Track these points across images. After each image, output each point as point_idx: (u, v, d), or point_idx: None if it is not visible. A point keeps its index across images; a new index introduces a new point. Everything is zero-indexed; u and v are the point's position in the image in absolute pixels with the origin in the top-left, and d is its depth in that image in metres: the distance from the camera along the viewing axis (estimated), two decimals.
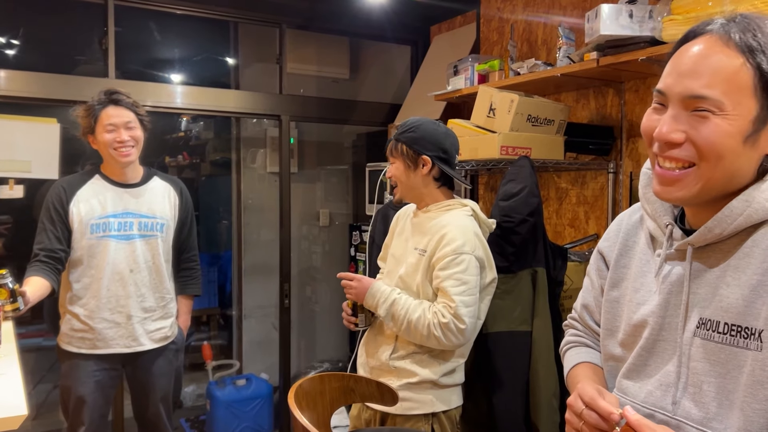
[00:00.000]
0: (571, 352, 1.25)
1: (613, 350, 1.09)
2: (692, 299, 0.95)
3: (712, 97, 0.88)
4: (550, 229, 3.00)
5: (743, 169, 0.91)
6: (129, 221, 2.37)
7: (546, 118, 2.54)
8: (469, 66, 3.01)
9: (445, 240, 1.87)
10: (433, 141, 1.95)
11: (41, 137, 2.97)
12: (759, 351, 0.85)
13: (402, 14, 3.66)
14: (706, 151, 0.89)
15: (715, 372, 0.90)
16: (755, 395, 0.85)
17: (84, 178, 2.39)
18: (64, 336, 2.36)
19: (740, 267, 0.90)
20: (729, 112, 0.87)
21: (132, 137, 2.33)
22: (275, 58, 3.75)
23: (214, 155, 4.60)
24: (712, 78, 0.88)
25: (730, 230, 0.91)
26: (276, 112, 3.69)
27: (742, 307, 0.88)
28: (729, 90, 0.87)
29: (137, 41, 3.86)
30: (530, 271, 2.24)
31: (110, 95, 2.34)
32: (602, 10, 2.21)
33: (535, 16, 3.11)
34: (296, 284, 4.26)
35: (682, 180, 0.91)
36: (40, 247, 2.25)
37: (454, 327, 1.82)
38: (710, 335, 0.91)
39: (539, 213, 2.25)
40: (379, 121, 3.95)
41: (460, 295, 1.83)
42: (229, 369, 3.91)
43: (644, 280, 1.04)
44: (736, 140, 0.88)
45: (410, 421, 1.91)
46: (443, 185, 2.01)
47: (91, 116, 2.32)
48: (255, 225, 4.30)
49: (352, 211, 4.51)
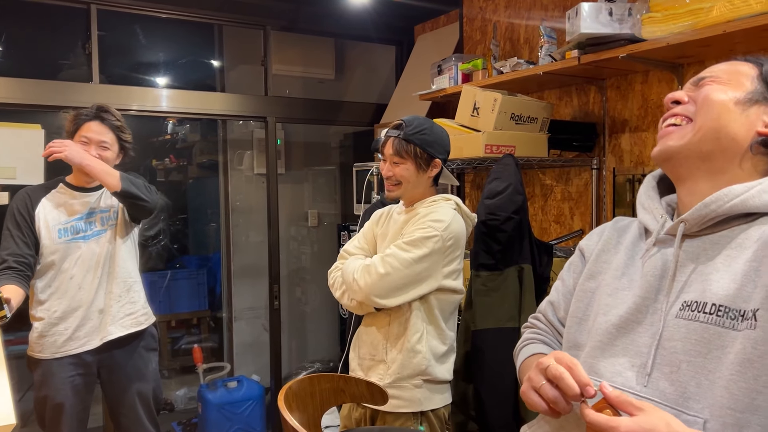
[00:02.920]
0: (525, 348, 1.23)
1: (579, 337, 1.08)
2: (676, 285, 0.96)
3: (714, 75, 1.03)
4: (536, 226, 3.02)
5: (732, 131, 0.97)
6: (93, 219, 2.38)
7: (529, 116, 2.56)
8: (452, 65, 3.02)
9: (427, 216, 1.91)
10: (442, 144, 1.99)
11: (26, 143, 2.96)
12: (752, 329, 0.84)
13: (386, 14, 3.67)
14: (700, 103, 1.01)
15: (696, 351, 0.89)
16: (743, 374, 0.83)
17: (48, 186, 2.40)
18: (35, 345, 2.34)
19: (732, 256, 0.92)
20: (727, 82, 1.01)
21: (101, 156, 2.32)
22: (260, 60, 3.75)
23: (201, 158, 4.59)
24: (720, 67, 1.05)
25: (725, 209, 0.93)
26: (262, 114, 3.69)
27: (732, 290, 0.88)
28: (731, 70, 1.03)
29: (121, 45, 3.84)
30: (516, 268, 2.26)
31: (99, 110, 2.36)
32: (582, 9, 2.23)
33: (517, 16, 3.13)
34: (286, 285, 4.27)
35: (679, 131, 1.02)
36: (8, 253, 2.24)
37: (373, 269, 1.86)
38: (695, 315, 0.91)
39: (524, 210, 2.27)
40: (366, 121, 3.96)
41: (400, 249, 1.86)
42: (220, 371, 3.91)
43: (626, 270, 1.05)
44: (729, 98, 0.99)
45: (400, 419, 1.93)
46: (434, 184, 2.05)
47: (74, 123, 2.34)
48: (243, 227, 4.30)
49: (340, 211, 4.52)
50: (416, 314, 1.93)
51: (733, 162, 0.98)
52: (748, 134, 0.97)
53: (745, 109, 0.98)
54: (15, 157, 2.93)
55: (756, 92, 0.99)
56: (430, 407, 1.94)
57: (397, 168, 1.98)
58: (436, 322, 1.96)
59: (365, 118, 3.96)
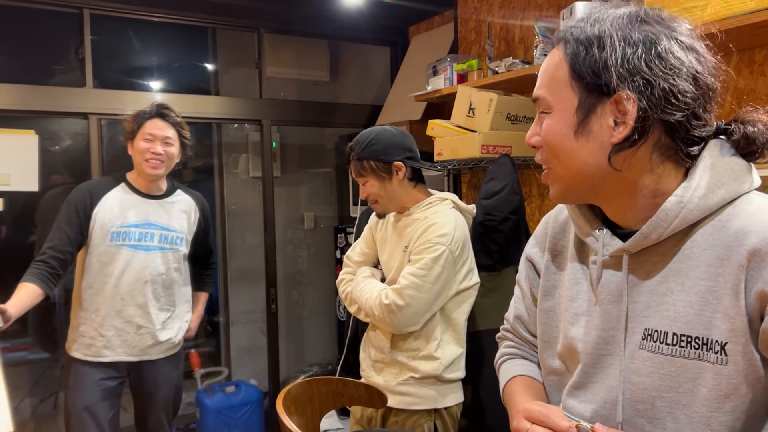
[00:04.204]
0: (505, 365, 1.17)
1: (552, 363, 1.02)
2: (633, 309, 0.89)
3: (541, 96, 0.92)
4: (534, 226, 3.00)
5: (589, 162, 0.87)
6: (150, 232, 2.38)
7: (525, 116, 2.56)
8: (447, 66, 3.02)
9: (429, 230, 1.89)
10: (396, 145, 1.96)
11: (20, 149, 2.95)
12: (723, 364, 0.80)
13: (380, 16, 3.67)
14: (547, 150, 0.92)
15: (666, 386, 0.85)
16: (722, 408, 0.81)
17: (110, 184, 2.41)
18: (72, 342, 2.36)
19: (682, 271, 0.85)
20: (554, 107, 0.89)
21: (166, 153, 2.36)
22: (254, 63, 3.74)
23: (195, 161, 4.57)
24: (542, 78, 0.92)
25: (667, 234, 0.86)
26: (257, 117, 3.68)
27: (691, 316, 0.83)
28: (551, 86, 0.90)
29: (114, 49, 3.83)
30: (514, 268, 2.26)
31: (160, 108, 2.38)
32: (577, 8, 2.23)
33: (511, 16, 3.13)
34: (283, 289, 4.25)
35: (548, 179, 0.95)
36: (49, 245, 2.24)
37: (394, 307, 1.86)
38: (658, 347, 0.85)
39: (521, 210, 2.27)
40: (361, 122, 3.95)
41: (415, 277, 1.85)
42: (218, 376, 3.89)
43: (579, 288, 0.98)
44: (564, 134, 0.88)
45: (413, 416, 1.93)
46: (417, 182, 2.03)
47: (136, 123, 2.35)
48: (239, 230, 4.29)
49: (336, 214, 4.51)
50: (433, 323, 1.93)
51: (624, 175, 0.87)
52: (605, 153, 0.86)
53: (588, 134, 0.87)
54: (9, 163, 2.91)
55: (582, 102, 0.86)
56: (443, 405, 1.95)
57: (365, 187, 2.01)
58: (453, 325, 1.97)
59: (361, 120, 3.95)
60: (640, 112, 0.83)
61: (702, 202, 0.84)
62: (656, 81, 0.82)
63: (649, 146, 0.86)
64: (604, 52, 0.84)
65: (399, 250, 1.99)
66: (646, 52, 0.83)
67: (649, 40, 0.84)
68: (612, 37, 0.84)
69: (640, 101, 0.83)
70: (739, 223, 0.83)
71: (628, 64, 0.83)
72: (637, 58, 0.83)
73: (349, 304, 2.06)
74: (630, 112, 0.83)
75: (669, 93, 0.82)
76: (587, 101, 0.86)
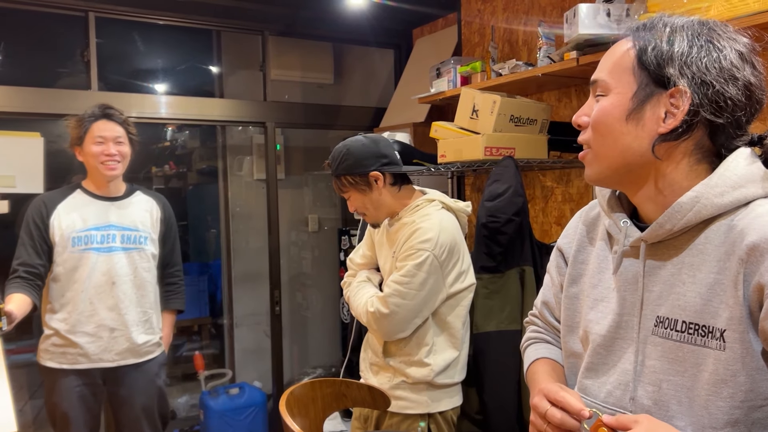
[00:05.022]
0: (530, 348, 1.25)
1: (574, 347, 1.09)
2: (647, 297, 0.96)
3: (601, 79, 0.97)
4: (537, 228, 3.02)
5: (633, 147, 0.94)
6: (112, 233, 2.36)
7: (529, 118, 2.56)
8: (451, 68, 3.02)
9: (413, 236, 1.89)
10: (368, 155, 1.95)
11: (25, 151, 2.96)
12: (722, 350, 0.85)
13: (384, 18, 3.68)
14: (594, 130, 0.97)
15: (674, 370, 0.91)
16: (719, 393, 0.85)
17: (65, 192, 2.39)
18: (44, 352, 2.33)
19: (695, 264, 0.91)
20: (613, 90, 0.95)
21: (119, 152, 2.35)
22: (258, 66, 3.75)
23: (200, 164, 4.59)
24: (605, 62, 0.99)
25: (680, 225, 0.91)
26: (261, 119, 3.69)
27: (699, 305, 0.89)
28: (614, 70, 0.96)
29: (119, 52, 3.84)
30: (518, 270, 2.26)
31: (103, 109, 2.36)
32: (580, 10, 2.23)
33: (515, 18, 3.13)
34: (287, 291, 4.26)
35: (586, 159, 1.00)
36: (19, 263, 2.24)
37: (378, 315, 1.86)
38: (668, 333, 0.92)
39: (525, 212, 2.26)
40: (365, 125, 3.96)
41: (399, 284, 1.85)
42: (222, 378, 3.90)
43: (602, 276, 1.05)
44: (616, 117, 0.94)
45: (407, 420, 1.93)
46: (402, 184, 2.01)
47: (82, 128, 2.33)
48: (243, 232, 4.29)
49: (340, 216, 4.51)
50: (425, 328, 1.92)
51: (661, 165, 0.94)
52: (649, 142, 0.92)
53: (639, 120, 0.92)
54: (14, 165, 2.93)
55: (641, 88, 0.92)
56: (437, 409, 1.94)
57: (350, 201, 2.02)
58: (449, 329, 1.96)
59: (364, 122, 3.96)
60: (691, 107, 0.89)
61: (717, 200, 0.89)
62: (712, 83, 0.89)
63: (690, 144, 0.92)
64: (672, 47, 0.91)
65: (390, 255, 1.99)
66: (709, 55, 0.90)
67: (712, 44, 0.90)
68: (681, 36, 0.91)
69: (693, 98, 0.89)
70: (745, 221, 0.87)
71: (691, 62, 0.89)
72: (699, 58, 0.89)
73: (351, 309, 2.07)
74: (682, 106, 0.89)
75: (721, 97, 0.89)
76: (646, 89, 0.92)
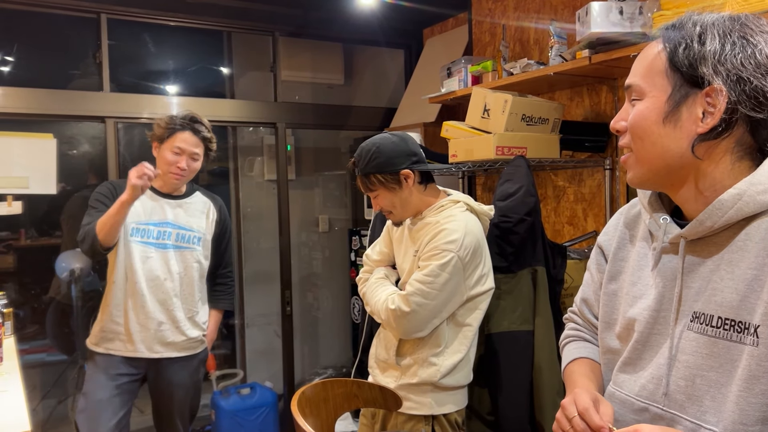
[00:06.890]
0: (569, 346, 1.25)
1: (611, 343, 1.09)
2: (686, 293, 0.95)
3: (635, 84, 0.97)
4: (549, 228, 3.00)
5: (672, 149, 0.93)
6: (167, 231, 2.41)
7: (540, 117, 2.54)
8: (462, 68, 3.01)
9: (438, 236, 1.87)
10: (398, 153, 1.92)
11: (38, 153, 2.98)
12: (755, 346, 0.85)
13: (394, 18, 3.67)
14: (632, 134, 0.98)
15: (708, 365, 0.90)
16: (751, 389, 0.85)
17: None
18: (94, 336, 2.40)
19: (734, 261, 0.90)
20: (647, 94, 0.95)
21: (189, 167, 2.40)
22: (269, 66, 3.76)
23: (211, 165, 4.59)
24: (637, 67, 0.98)
25: (721, 223, 0.91)
26: (272, 120, 3.69)
27: (736, 302, 0.88)
28: (646, 74, 0.96)
29: (131, 54, 3.86)
30: (530, 270, 2.24)
31: (192, 122, 2.40)
32: (592, 9, 2.21)
33: (526, 17, 3.11)
34: (298, 291, 4.26)
35: (627, 163, 1.01)
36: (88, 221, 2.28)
37: (399, 313, 1.84)
38: (704, 329, 0.91)
39: (537, 212, 2.25)
40: (375, 125, 3.95)
41: (422, 284, 1.84)
42: (233, 378, 3.90)
43: (641, 273, 1.05)
44: (653, 120, 0.94)
45: (411, 421, 1.92)
46: (427, 183, 2.00)
47: (167, 131, 2.37)
48: (254, 233, 4.30)
49: (351, 216, 4.51)
50: (441, 329, 1.91)
51: (702, 165, 0.93)
52: (689, 142, 0.92)
53: (676, 122, 0.92)
54: (27, 166, 2.95)
55: (676, 90, 0.92)
56: (441, 412, 1.92)
57: (377, 200, 1.98)
58: (464, 332, 1.95)
59: (375, 123, 3.96)
60: (729, 105, 0.88)
61: (760, 197, 0.88)
62: (748, 78, 0.87)
63: (731, 141, 0.91)
64: (703, 46, 0.90)
65: (411, 254, 1.98)
66: (743, 51, 0.88)
67: (746, 40, 0.89)
68: (712, 34, 0.90)
69: (730, 95, 0.88)
70: None
71: (724, 60, 0.88)
72: (733, 55, 0.88)
73: (366, 304, 2.06)
74: (719, 104, 0.89)
75: (760, 92, 0.88)
76: (680, 90, 0.92)
